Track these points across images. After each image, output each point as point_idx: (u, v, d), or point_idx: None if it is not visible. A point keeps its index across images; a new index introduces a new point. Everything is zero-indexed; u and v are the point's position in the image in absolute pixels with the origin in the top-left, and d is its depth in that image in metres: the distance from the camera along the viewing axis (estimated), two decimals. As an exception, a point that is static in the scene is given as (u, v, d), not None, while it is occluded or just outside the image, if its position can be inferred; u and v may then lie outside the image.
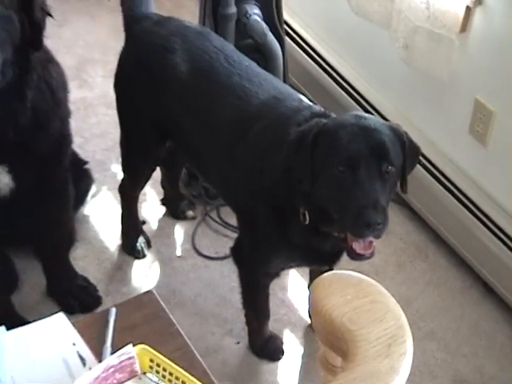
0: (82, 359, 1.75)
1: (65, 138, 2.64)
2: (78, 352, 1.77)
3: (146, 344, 1.72)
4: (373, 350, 1.22)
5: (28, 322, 1.91)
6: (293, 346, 2.88)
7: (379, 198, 2.06)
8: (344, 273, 1.35)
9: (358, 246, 2.14)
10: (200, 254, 3.17)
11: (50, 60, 2.49)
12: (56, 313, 1.90)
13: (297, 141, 2.19)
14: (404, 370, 1.22)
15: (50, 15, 2.32)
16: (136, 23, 2.70)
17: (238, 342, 2.87)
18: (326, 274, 1.37)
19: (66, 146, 2.68)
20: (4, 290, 2.85)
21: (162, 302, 1.95)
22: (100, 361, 1.74)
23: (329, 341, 1.33)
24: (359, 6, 3.11)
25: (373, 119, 2.22)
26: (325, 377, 1.46)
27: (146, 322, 1.89)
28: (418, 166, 3.01)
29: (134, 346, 1.70)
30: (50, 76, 2.46)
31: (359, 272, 1.37)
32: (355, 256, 2.18)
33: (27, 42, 2.26)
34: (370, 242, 2.15)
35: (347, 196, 2.08)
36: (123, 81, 2.75)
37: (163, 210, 3.33)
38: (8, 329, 1.81)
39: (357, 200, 2.05)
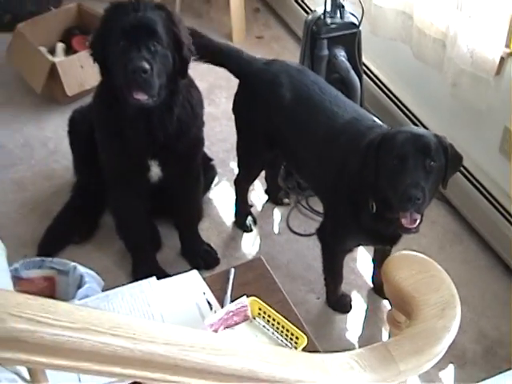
0: (210, 305, 1.77)
1: (199, 141, 2.67)
2: (207, 299, 1.78)
3: (256, 296, 1.73)
4: (431, 313, 1.20)
5: (168, 275, 1.93)
6: (358, 303, 2.85)
7: (421, 182, 2.02)
8: (411, 253, 1.33)
9: (405, 221, 2.10)
10: (292, 231, 3.14)
11: (191, 85, 2.52)
12: (190, 270, 1.92)
13: (367, 146, 2.19)
14: (454, 329, 1.20)
15: (194, 53, 2.34)
16: (248, 65, 2.68)
17: (318, 298, 2.85)
18: (397, 253, 1.35)
19: (199, 147, 2.72)
20: (152, 250, 2.90)
21: (267, 266, 1.95)
22: (222, 306, 1.75)
23: (397, 303, 1.31)
24: (419, 52, 3.05)
25: (422, 129, 2.22)
26: (391, 329, 1.44)
27: (256, 280, 1.90)
28: (459, 174, 2.95)
29: (247, 297, 1.72)
30: (191, 97, 2.48)
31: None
32: (403, 229, 2.14)
33: (176, 71, 2.29)
34: (415, 220, 2.10)
35: (398, 181, 2.06)
36: (241, 106, 2.74)
37: (266, 197, 3.31)
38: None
39: (403, 182, 2.03)
